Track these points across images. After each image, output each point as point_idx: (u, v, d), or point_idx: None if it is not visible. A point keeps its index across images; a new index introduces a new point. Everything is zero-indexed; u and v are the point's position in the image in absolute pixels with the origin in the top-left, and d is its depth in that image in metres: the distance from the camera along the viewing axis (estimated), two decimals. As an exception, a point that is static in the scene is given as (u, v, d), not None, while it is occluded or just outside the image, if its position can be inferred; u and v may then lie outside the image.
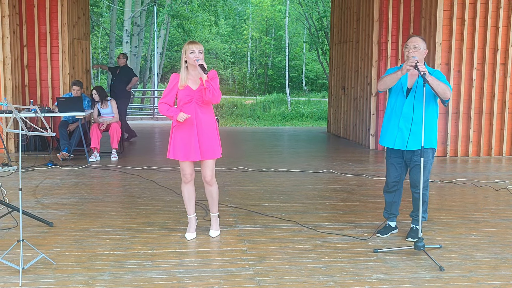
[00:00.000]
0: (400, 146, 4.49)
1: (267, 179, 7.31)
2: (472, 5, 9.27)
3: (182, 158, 4.45)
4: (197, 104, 4.40)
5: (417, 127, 4.39)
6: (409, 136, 4.42)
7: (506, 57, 9.41)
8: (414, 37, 4.48)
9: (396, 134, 4.50)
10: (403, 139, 4.47)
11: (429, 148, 4.47)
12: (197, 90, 4.39)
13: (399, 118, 4.48)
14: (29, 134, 4.02)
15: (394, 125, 4.52)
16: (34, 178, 7.17)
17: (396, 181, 4.65)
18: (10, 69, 9.33)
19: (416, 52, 4.38)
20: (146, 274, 3.78)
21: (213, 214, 4.75)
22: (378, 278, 3.72)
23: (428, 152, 4.46)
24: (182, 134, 4.43)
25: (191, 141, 4.41)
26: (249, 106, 30.78)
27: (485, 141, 9.59)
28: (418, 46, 4.40)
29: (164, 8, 30.48)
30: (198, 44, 4.36)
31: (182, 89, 4.38)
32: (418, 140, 4.41)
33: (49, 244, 4.41)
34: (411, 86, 4.46)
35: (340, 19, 12.69)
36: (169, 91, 4.41)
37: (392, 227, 4.78)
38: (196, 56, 4.30)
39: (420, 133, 4.36)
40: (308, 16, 32.31)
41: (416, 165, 4.49)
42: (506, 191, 6.58)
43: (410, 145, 4.44)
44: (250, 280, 3.68)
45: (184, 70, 4.39)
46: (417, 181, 4.49)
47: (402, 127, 4.46)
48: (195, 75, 4.41)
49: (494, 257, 4.17)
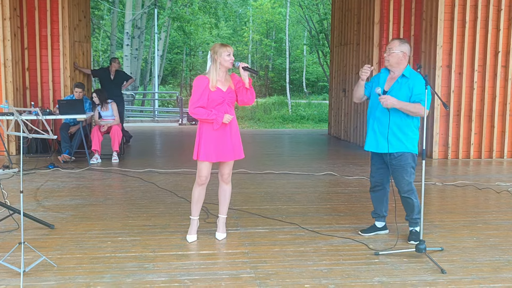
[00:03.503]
0: (375, 149, 4.56)
1: (268, 181, 7.31)
2: (473, 7, 9.28)
3: (215, 159, 4.47)
4: (228, 105, 4.45)
5: (391, 130, 4.44)
6: (380, 138, 4.49)
7: (507, 59, 9.41)
8: (392, 41, 4.56)
9: (372, 136, 4.59)
10: (377, 142, 4.53)
11: (407, 152, 4.47)
12: (227, 92, 4.44)
13: (374, 120, 4.55)
14: (30, 136, 4.02)
15: (371, 128, 4.60)
16: (35, 181, 7.17)
17: (379, 182, 4.72)
18: (11, 72, 9.34)
19: (390, 55, 4.46)
20: (147, 276, 3.77)
21: (222, 216, 4.73)
22: (380, 281, 3.71)
23: (406, 157, 4.46)
24: (217, 135, 4.44)
25: (226, 142, 4.46)
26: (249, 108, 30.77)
27: (486, 143, 9.58)
28: (392, 49, 4.46)
29: (165, 10, 30.50)
30: (231, 47, 4.46)
31: (214, 90, 4.39)
32: (392, 143, 4.44)
33: (50, 246, 4.41)
34: (388, 89, 4.52)
35: (341, 21, 12.70)
36: (201, 94, 4.37)
37: (378, 228, 4.82)
38: (232, 59, 4.39)
39: (394, 137, 4.43)
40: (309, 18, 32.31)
41: (394, 169, 4.52)
42: (508, 194, 6.57)
43: (383, 148, 4.48)
44: (251, 282, 3.68)
45: (214, 71, 4.40)
46: (398, 184, 4.54)
47: (376, 130, 4.53)
48: (223, 76, 4.45)
49: (496, 260, 4.16)
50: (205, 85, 4.38)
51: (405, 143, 4.45)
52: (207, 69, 4.47)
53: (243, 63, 4.43)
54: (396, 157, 4.46)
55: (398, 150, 4.45)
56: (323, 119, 25.31)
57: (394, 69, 4.51)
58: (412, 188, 4.52)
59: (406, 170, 4.47)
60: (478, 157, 9.57)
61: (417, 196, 4.54)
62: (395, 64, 4.47)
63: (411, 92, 4.39)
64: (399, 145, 4.44)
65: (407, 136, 4.45)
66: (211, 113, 4.36)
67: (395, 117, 4.41)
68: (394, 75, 4.51)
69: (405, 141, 4.44)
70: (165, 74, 39.68)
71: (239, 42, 43.32)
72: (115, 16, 27.90)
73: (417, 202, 4.54)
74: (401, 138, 4.43)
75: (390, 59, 4.47)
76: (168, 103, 30.67)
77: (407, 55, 4.49)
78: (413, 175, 4.54)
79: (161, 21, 31.42)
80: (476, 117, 9.50)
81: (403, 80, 4.46)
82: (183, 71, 40.04)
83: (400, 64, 4.47)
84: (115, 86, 10.80)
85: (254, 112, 28.47)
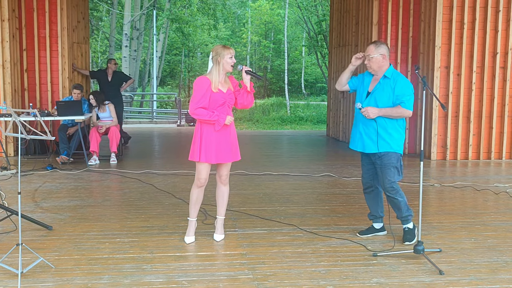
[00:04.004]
0: (361, 149, 4.59)
1: (266, 182, 7.31)
2: (471, 8, 9.29)
3: (215, 161, 4.46)
4: (228, 107, 4.48)
5: (373, 131, 4.47)
6: (366, 139, 4.52)
7: (505, 60, 9.42)
8: (368, 46, 4.58)
9: (357, 137, 4.62)
10: (363, 143, 4.55)
11: (391, 152, 4.48)
12: (227, 93, 4.45)
13: (359, 121, 4.58)
14: (28, 137, 4.02)
15: (356, 128, 4.64)
16: (33, 182, 7.16)
17: (370, 182, 4.74)
18: (9, 73, 9.33)
19: (370, 61, 4.49)
20: (145, 277, 3.77)
21: (220, 217, 4.73)
22: (378, 282, 3.71)
23: (389, 156, 4.48)
24: (217, 137, 4.43)
25: (225, 143, 4.47)
26: (248, 109, 30.76)
27: (484, 144, 9.59)
28: (370, 55, 4.49)
29: (164, 12, 30.53)
30: (233, 50, 4.48)
31: (216, 92, 4.39)
32: (378, 143, 4.46)
33: (48, 247, 4.40)
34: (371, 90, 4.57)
35: (339, 22, 12.71)
36: (203, 96, 4.36)
37: (376, 229, 4.83)
38: (233, 61, 4.42)
39: (380, 137, 4.45)
40: (307, 19, 32.34)
41: (379, 169, 4.55)
42: (506, 195, 6.58)
43: (369, 148, 4.52)
44: (249, 284, 3.68)
45: (216, 73, 4.40)
46: (382, 184, 4.57)
47: (362, 130, 4.56)
48: (223, 78, 4.46)
49: (494, 261, 4.17)
50: (207, 86, 4.37)
51: (390, 143, 4.48)
52: (208, 70, 4.47)
53: (246, 67, 4.44)
54: (380, 156, 4.49)
55: (383, 150, 4.48)
56: (321, 120, 25.32)
57: (376, 72, 4.54)
58: (395, 188, 4.53)
59: (389, 170, 4.49)
60: (477, 158, 9.57)
61: (403, 195, 4.57)
62: (377, 68, 4.51)
63: (393, 93, 4.42)
64: (384, 145, 4.47)
65: (392, 136, 4.48)
66: (213, 114, 4.35)
67: (380, 119, 4.45)
68: (377, 77, 4.57)
69: (390, 141, 4.47)
70: (164, 76, 39.67)
71: (237, 44, 43.32)
72: (114, 17, 27.90)
73: (403, 200, 4.56)
74: (386, 138, 4.47)
75: (371, 65, 4.51)
76: (167, 104, 30.68)
77: (386, 56, 4.51)
78: (397, 175, 4.53)
79: (159, 23, 31.45)
80: (475, 118, 9.51)
81: (385, 81, 4.50)
82: (181, 72, 40.06)
83: (382, 66, 4.51)
84: (114, 87, 10.69)
85: (252, 113, 28.47)
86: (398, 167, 4.52)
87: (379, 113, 4.37)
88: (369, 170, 4.71)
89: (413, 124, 10.28)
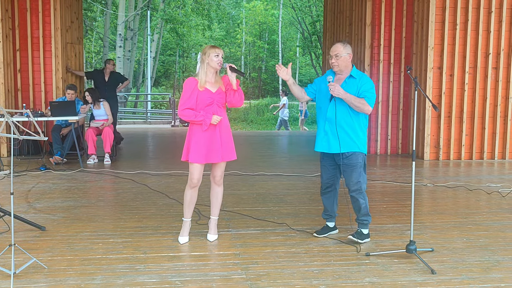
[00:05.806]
0: (327, 149, 4.59)
1: (260, 182, 7.32)
2: (464, 9, 9.34)
3: (204, 161, 4.45)
4: (218, 106, 4.46)
5: (341, 131, 4.49)
6: (332, 139, 4.53)
7: (497, 61, 9.47)
8: (335, 45, 4.60)
9: (323, 137, 4.62)
10: (329, 143, 4.57)
11: (357, 152, 4.52)
12: (217, 93, 4.45)
13: (325, 122, 4.59)
14: (21, 138, 4.02)
15: (321, 129, 4.64)
16: (27, 183, 7.15)
17: (329, 182, 4.75)
18: (2, 73, 9.31)
19: (339, 60, 4.51)
20: (138, 278, 3.77)
21: (214, 218, 4.73)
22: (370, 281, 3.73)
23: (356, 156, 4.51)
24: (206, 137, 4.43)
25: (214, 144, 4.45)
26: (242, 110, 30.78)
27: (477, 144, 9.64)
28: (339, 54, 4.51)
29: (158, 12, 30.50)
30: (220, 49, 4.46)
31: (202, 90, 4.39)
32: (344, 143, 4.49)
33: (41, 248, 4.39)
34: None
35: (333, 23, 12.75)
36: (189, 96, 4.38)
37: (330, 228, 4.87)
38: (220, 60, 4.40)
39: (346, 136, 4.48)
40: (301, 20, 32.41)
41: (345, 168, 4.56)
42: (498, 195, 6.62)
43: (335, 148, 4.52)
44: (243, 283, 3.68)
45: (203, 72, 4.41)
46: (347, 183, 4.59)
47: (328, 131, 4.57)
48: (212, 77, 4.46)
49: (486, 260, 4.19)
50: (193, 87, 4.39)
51: (357, 143, 4.51)
52: (197, 71, 4.50)
53: (230, 64, 4.45)
54: (347, 156, 4.51)
55: (350, 149, 4.50)
56: (315, 121, 25.36)
57: (342, 71, 4.56)
58: (360, 188, 4.55)
59: (356, 169, 4.51)
60: (469, 158, 9.62)
61: (366, 198, 4.61)
62: (344, 67, 4.54)
63: (358, 92, 4.45)
64: (351, 145, 4.50)
65: (358, 136, 4.51)
66: (198, 114, 4.36)
67: (345, 116, 4.47)
68: (342, 76, 4.59)
69: (356, 141, 4.50)
70: (158, 76, 39.65)
71: (232, 44, 43.37)
72: (108, 17, 27.86)
73: (365, 203, 4.59)
74: (352, 138, 4.49)
75: (339, 64, 4.53)
76: (161, 105, 30.65)
77: (351, 56, 4.57)
78: (362, 175, 4.56)
79: (154, 23, 31.43)
80: (467, 118, 9.56)
81: (350, 81, 4.53)
82: (176, 72, 40.04)
83: (348, 66, 4.56)
84: (109, 88, 10.72)
85: (247, 114, 28.50)
86: (364, 167, 4.58)
87: (343, 95, 4.37)
88: (330, 171, 4.70)
89: (406, 124, 10.32)
